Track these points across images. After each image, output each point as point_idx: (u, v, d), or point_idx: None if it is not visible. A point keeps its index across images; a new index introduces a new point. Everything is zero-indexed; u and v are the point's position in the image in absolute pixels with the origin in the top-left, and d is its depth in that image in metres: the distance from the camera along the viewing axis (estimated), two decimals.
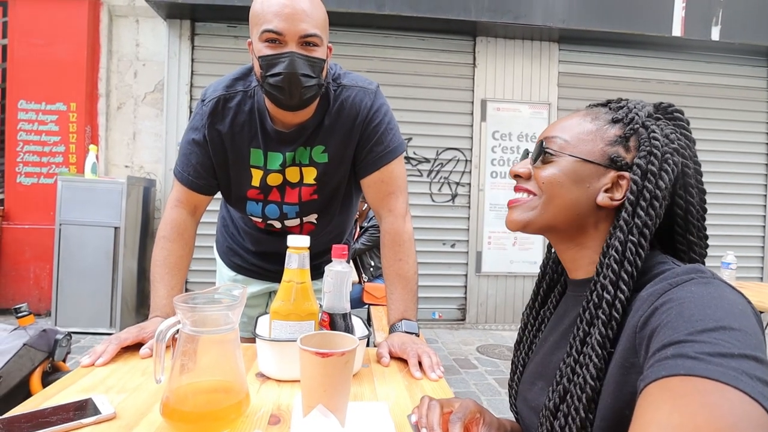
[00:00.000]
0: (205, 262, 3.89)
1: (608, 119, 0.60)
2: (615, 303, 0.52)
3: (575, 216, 0.59)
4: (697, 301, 0.44)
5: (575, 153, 0.59)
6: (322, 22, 0.92)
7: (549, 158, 0.61)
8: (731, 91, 4.37)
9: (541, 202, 0.61)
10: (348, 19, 3.77)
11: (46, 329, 1.39)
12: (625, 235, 0.54)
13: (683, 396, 0.37)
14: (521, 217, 0.63)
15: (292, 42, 0.88)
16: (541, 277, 0.73)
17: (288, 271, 0.79)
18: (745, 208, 4.44)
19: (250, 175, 1.07)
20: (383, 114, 1.06)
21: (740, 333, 0.40)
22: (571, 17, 3.81)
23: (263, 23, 0.88)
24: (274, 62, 0.89)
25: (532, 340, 0.71)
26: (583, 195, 0.59)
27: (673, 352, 0.40)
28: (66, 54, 3.75)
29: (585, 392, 0.51)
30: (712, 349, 0.39)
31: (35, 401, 0.68)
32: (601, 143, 0.59)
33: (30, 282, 3.78)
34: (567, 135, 0.61)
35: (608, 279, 0.53)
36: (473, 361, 3.26)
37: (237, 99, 1.02)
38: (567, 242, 0.63)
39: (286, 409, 0.69)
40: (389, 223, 1.08)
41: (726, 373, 0.37)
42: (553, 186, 0.60)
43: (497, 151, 4.11)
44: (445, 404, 0.59)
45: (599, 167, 0.58)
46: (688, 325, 0.42)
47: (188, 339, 0.60)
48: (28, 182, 3.79)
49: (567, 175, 0.59)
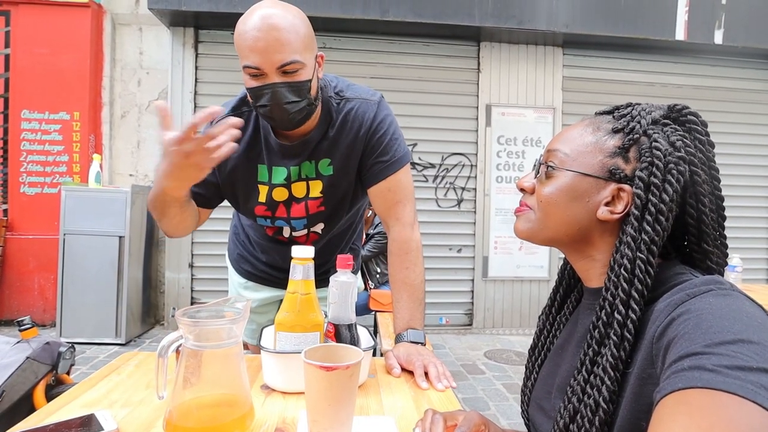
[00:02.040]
0: (212, 270, 3.90)
1: (609, 129, 0.58)
2: (627, 323, 0.51)
3: (577, 230, 0.59)
4: (716, 313, 0.43)
5: (574, 167, 0.58)
6: (301, 43, 0.89)
7: (550, 173, 0.61)
8: (735, 94, 4.36)
9: (537, 218, 0.62)
10: (352, 26, 3.79)
11: (50, 342, 1.38)
12: (633, 252, 0.52)
13: (700, 409, 0.36)
14: (524, 227, 0.64)
15: (271, 74, 0.88)
16: (558, 283, 0.72)
17: (292, 282, 0.78)
18: (750, 210, 4.41)
19: (258, 191, 1.07)
20: (387, 125, 1.05)
21: (759, 346, 0.39)
22: (574, 22, 3.81)
23: (243, 57, 0.88)
24: (259, 94, 0.91)
25: (548, 346, 0.70)
26: (582, 210, 0.58)
27: (690, 364, 0.39)
28: (69, 63, 3.77)
29: (597, 415, 0.50)
30: (730, 362, 0.38)
31: (37, 417, 0.67)
32: (600, 155, 0.57)
33: (34, 293, 3.78)
34: (567, 148, 0.60)
35: (618, 299, 0.52)
36: (481, 366, 3.23)
37: (242, 119, 1.02)
38: (575, 253, 0.62)
39: (291, 423, 0.68)
40: (397, 232, 1.07)
41: (744, 386, 0.36)
42: (549, 204, 0.60)
43: (502, 155, 4.10)
44: (449, 417, 0.58)
45: (599, 180, 0.57)
46: (705, 337, 0.41)
47: (191, 354, 0.58)
48: (31, 192, 3.80)
49: (564, 192, 0.59)
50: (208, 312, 0.62)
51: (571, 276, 0.71)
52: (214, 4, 3.49)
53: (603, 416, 0.50)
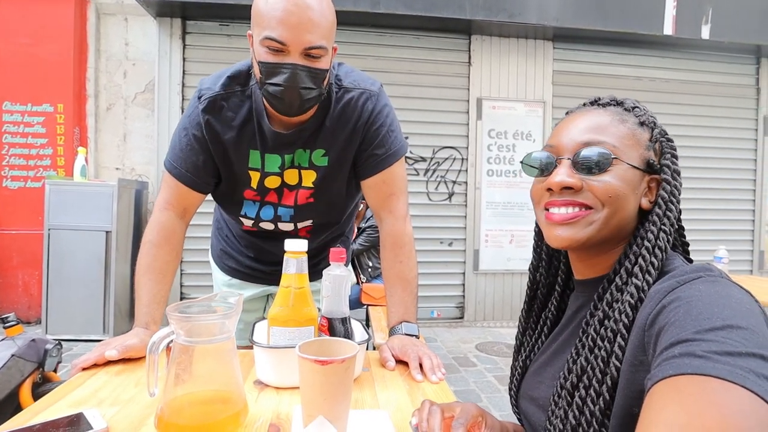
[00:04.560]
0: (202, 265, 3.86)
1: (636, 122, 0.59)
2: (643, 286, 0.52)
3: (625, 225, 0.58)
4: (705, 300, 0.44)
5: (626, 159, 0.56)
6: (329, 29, 0.87)
7: (607, 167, 0.56)
8: (721, 89, 4.43)
9: (603, 216, 0.56)
10: (342, 18, 3.70)
11: (36, 339, 1.35)
12: (657, 228, 0.54)
13: (691, 395, 0.37)
14: (581, 234, 0.56)
15: (295, 53, 0.83)
16: (536, 282, 0.72)
17: (286, 276, 0.77)
18: (735, 203, 4.51)
19: (249, 177, 1.04)
20: (385, 116, 1.03)
21: (747, 331, 0.40)
22: (564, 16, 3.82)
23: (266, 27, 0.82)
24: (274, 71, 0.85)
25: (534, 343, 0.70)
26: (635, 202, 0.57)
27: (681, 351, 0.40)
28: (52, 54, 3.67)
29: (608, 372, 0.51)
30: (720, 348, 0.39)
31: (24, 417, 0.65)
32: (639, 148, 0.58)
33: (19, 289, 3.70)
34: (612, 140, 0.57)
35: (638, 266, 0.53)
36: (472, 359, 3.25)
37: (234, 99, 0.98)
38: (598, 248, 0.59)
39: (285, 418, 0.67)
40: (390, 225, 1.06)
41: (733, 371, 0.37)
42: (618, 198, 0.55)
43: (493, 149, 4.11)
44: (446, 409, 0.58)
45: (642, 173, 0.57)
46: (695, 324, 0.42)
47: (182, 350, 0.57)
48: (14, 186, 3.71)
49: (627, 184, 0.56)
50: (199, 307, 0.60)
51: (548, 272, 0.71)
52: None
53: (603, 404, 0.50)
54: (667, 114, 4.33)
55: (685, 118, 4.37)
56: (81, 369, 0.82)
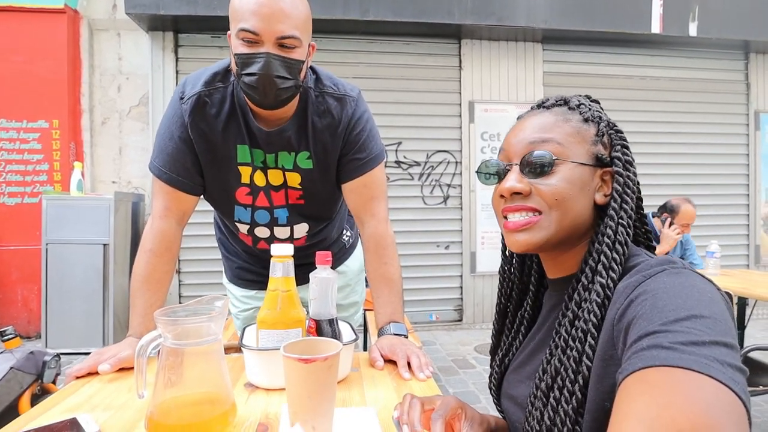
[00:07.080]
0: (203, 275, 3.87)
1: (580, 119, 0.60)
2: (608, 283, 0.52)
3: (581, 222, 0.58)
4: (669, 292, 0.45)
5: (573, 158, 0.57)
6: (302, 21, 0.89)
7: (550, 169, 0.56)
8: (712, 85, 4.46)
9: (554, 219, 0.56)
10: (333, 26, 3.79)
11: (34, 351, 1.37)
12: (615, 222, 0.55)
13: (658, 387, 0.38)
14: (537, 238, 0.57)
15: (268, 42, 0.86)
16: (508, 282, 0.73)
17: (273, 280, 0.79)
18: (729, 198, 4.52)
19: (239, 173, 1.05)
20: (365, 121, 1.05)
21: (710, 320, 0.41)
22: (552, 17, 3.86)
23: (240, 20, 0.86)
24: (249, 61, 0.88)
25: (512, 342, 0.71)
26: (586, 200, 0.58)
27: (648, 343, 0.41)
28: (46, 70, 3.70)
29: (581, 372, 0.51)
30: (685, 338, 0.40)
31: (19, 423, 0.67)
32: (585, 144, 0.58)
33: (18, 304, 3.71)
34: (557, 139, 0.57)
35: (601, 264, 0.54)
36: (471, 360, 3.26)
37: (217, 96, 0.99)
38: (560, 247, 0.60)
39: (274, 417, 0.68)
40: (373, 228, 1.08)
41: (698, 361, 0.38)
42: (565, 200, 0.56)
43: (487, 151, 4.14)
44: (426, 402, 0.60)
45: (590, 168, 0.58)
46: (661, 316, 0.43)
47: (171, 352, 0.59)
48: (11, 202, 3.73)
49: (574, 183, 0.56)
50: (186, 311, 0.62)
51: (521, 272, 0.72)
52: (192, 8, 3.45)
53: (576, 403, 0.51)
54: (659, 111, 4.37)
55: (676, 115, 4.40)
56: (75, 377, 0.84)
